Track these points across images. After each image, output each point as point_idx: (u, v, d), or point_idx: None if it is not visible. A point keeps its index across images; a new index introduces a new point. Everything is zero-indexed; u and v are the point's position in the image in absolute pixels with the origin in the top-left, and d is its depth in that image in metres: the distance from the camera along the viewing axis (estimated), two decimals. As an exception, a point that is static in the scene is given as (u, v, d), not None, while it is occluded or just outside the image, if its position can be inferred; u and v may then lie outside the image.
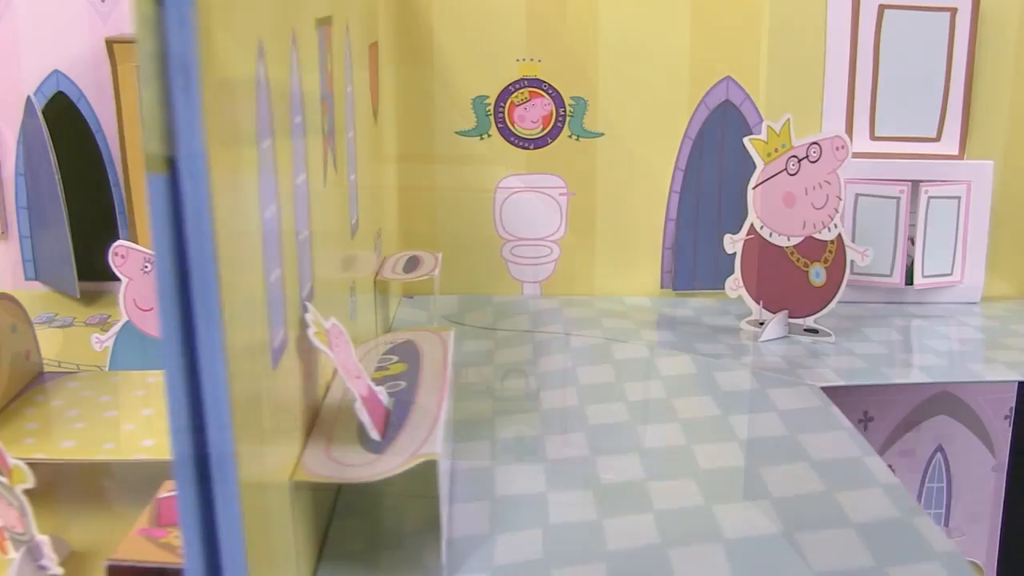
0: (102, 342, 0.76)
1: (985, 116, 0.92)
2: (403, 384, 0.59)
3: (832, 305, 0.81)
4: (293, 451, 0.50)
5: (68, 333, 0.91)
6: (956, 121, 0.92)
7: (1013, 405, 1.03)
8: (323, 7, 0.58)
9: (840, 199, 0.79)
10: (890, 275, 0.92)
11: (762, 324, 0.85)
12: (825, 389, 0.72)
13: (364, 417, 0.52)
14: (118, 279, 1.01)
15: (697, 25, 0.92)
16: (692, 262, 0.97)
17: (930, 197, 0.90)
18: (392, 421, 0.54)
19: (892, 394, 1.02)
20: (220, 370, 0.37)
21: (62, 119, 0.94)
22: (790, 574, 0.50)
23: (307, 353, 0.53)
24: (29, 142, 0.95)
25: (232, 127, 0.39)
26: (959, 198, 0.91)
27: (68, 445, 0.60)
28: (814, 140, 0.80)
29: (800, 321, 0.84)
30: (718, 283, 0.97)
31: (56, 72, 0.95)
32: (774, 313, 0.84)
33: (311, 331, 0.51)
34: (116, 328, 0.76)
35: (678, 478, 0.61)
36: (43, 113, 0.93)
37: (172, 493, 0.54)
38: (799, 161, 0.81)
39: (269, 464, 0.45)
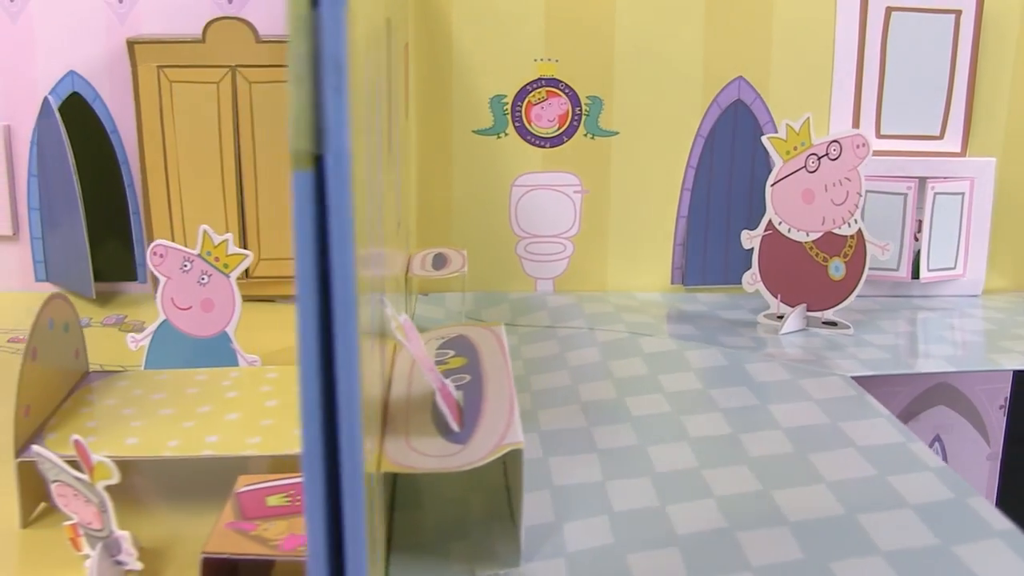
0: (138, 341, 0.77)
1: (986, 115, 0.96)
2: (468, 377, 0.60)
3: (852, 298, 0.84)
4: (376, 442, 0.52)
5: (88, 334, 0.90)
6: (959, 119, 0.95)
7: (1008, 395, 1.07)
8: (386, 8, 0.59)
9: (860, 195, 0.82)
10: (897, 269, 0.95)
11: (780, 318, 0.87)
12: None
13: (445, 409, 0.53)
14: (131, 279, 1.01)
15: (711, 26, 0.94)
16: (702, 258, 0.99)
17: (936, 193, 0.93)
18: (466, 413, 0.56)
19: (893, 385, 1.05)
20: (355, 363, 0.38)
21: (77, 120, 0.94)
22: (860, 552, 0.52)
23: (380, 347, 0.54)
24: (44, 143, 0.94)
25: (356, 126, 0.40)
26: (963, 194, 0.94)
27: (132, 443, 0.60)
28: (834, 138, 0.83)
29: (818, 314, 0.86)
30: (727, 278, 0.99)
31: (72, 73, 0.94)
32: (791, 307, 0.87)
33: (392, 325, 0.52)
34: (152, 327, 0.77)
35: (731, 465, 0.63)
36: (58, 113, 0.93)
37: (252, 487, 0.55)
38: (819, 159, 0.83)
39: (367, 455, 0.46)
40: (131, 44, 0.90)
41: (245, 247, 0.95)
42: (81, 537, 0.56)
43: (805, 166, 0.84)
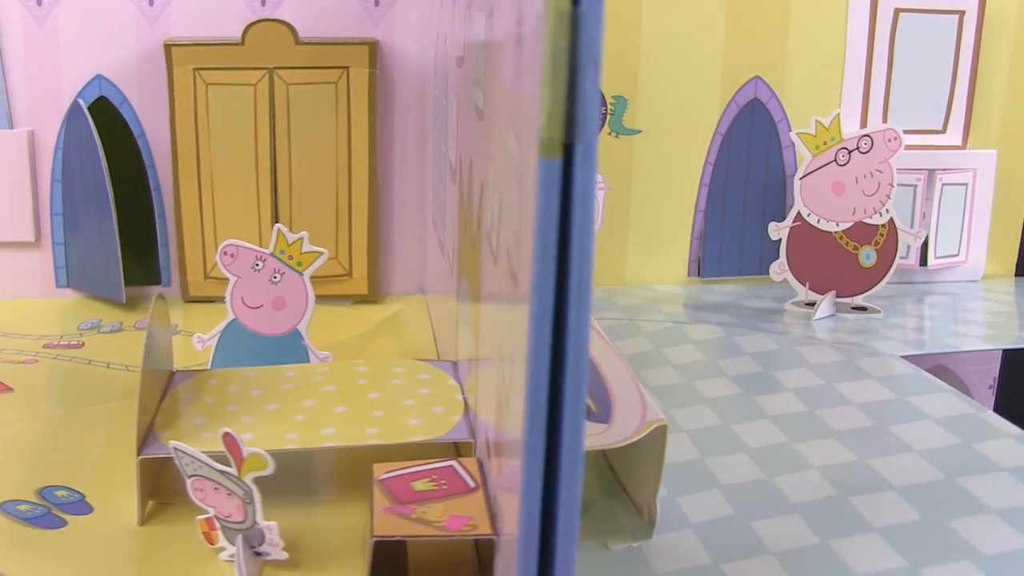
0: (204, 341, 0.76)
1: (985, 110, 1.02)
2: (580, 362, 0.62)
3: (883, 284, 0.89)
4: (522, 424, 0.53)
5: (122, 338, 0.90)
6: (960, 114, 1.01)
7: (997, 375, 1.13)
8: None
9: (892, 186, 0.87)
10: (906, 257, 1.00)
11: (808, 305, 0.91)
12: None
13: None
14: (155, 283, 1.00)
15: (730, 28, 0.98)
16: (718, 250, 1.03)
17: (943, 184, 0.99)
18: (595, 394, 0.58)
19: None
20: (585, 348, 0.39)
21: (103, 124, 0.92)
22: (974, 511, 0.56)
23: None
24: (70, 147, 0.93)
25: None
26: (967, 185, 1.00)
27: (249, 437, 0.60)
28: (866, 133, 0.87)
29: (848, 300, 0.91)
30: (741, 270, 1.03)
31: (99, 77, 0.93)
32: (820, 294, 0.91)
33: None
34: (220, 327, 0.77)
35: (819, 439, 0.66)
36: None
37: (394, 474, 0.56)
38: (849, 152, 0.88)
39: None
40: (168, 47, 0.90)
41: (279, 248, 0.95)
42: (216, 530, 0.56)
43: (835, 159, 0.89)
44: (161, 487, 0.63)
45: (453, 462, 0.57)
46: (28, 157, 0.94)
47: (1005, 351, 1.14)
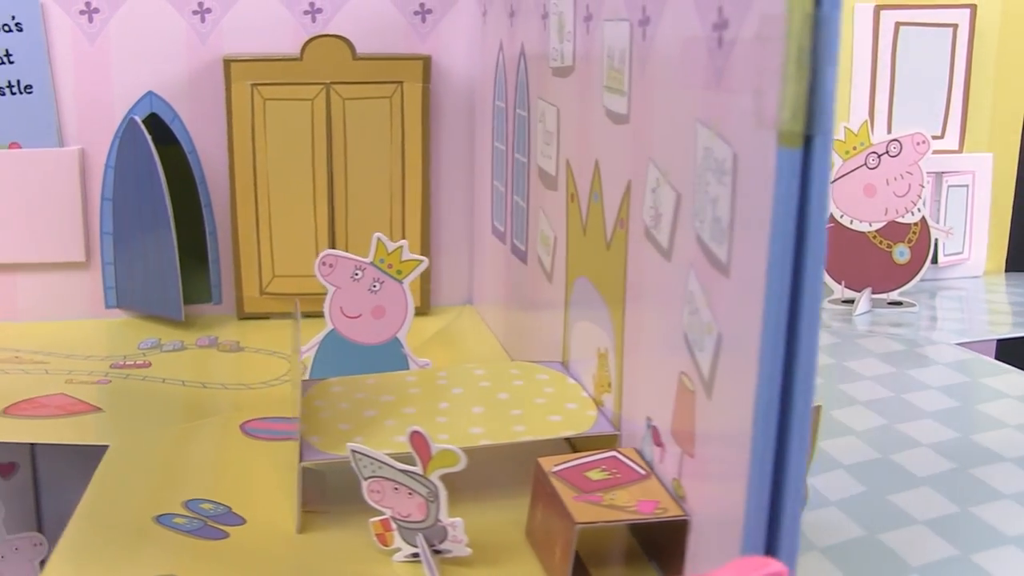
0: (303, 352, 0.77)
1: (979, 115, 1.09)
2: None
3: (918, 278, 0.95)
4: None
5: (185, 356, 0.90)
6: (957, 120, 1.08)
7: (992, 362, 1.21)
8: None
9: (923, 186, 0.93)
10: (922, 252, 1.07)
11: (846, 302, 0.97)
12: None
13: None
14: (206, 301, 1.00)
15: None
16: (742, 254, 1.08)
17: (949, 186, 1.06)
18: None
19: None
20: (817, 329, 0.43)
21: (155, 140, 0.92)
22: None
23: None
24: (123, 164, 0.92)
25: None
26: (967, 186, 1.08)
27: (402, 440, 0.62)
28: (894, 138, 0.94)
29: (883, 296, 0.97)
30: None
31: (150, 94, 0.93)
32: (856, 291, 0.97)
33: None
34: (319, 338, 0.78)
35: (914, 420, 0.71)
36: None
37: (565, 466, 0.58)
38: (879, 156, 0.94)
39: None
40: (227, 62, 0.90)
41: (332, 262, 0.96)
42: (392, 531, 0.58)
43: (865, 163, 0.95)
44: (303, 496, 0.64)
45: (614, 452, 0.60)
46: (79, 176, 0.93)
47: (999, 341, 1.22)
